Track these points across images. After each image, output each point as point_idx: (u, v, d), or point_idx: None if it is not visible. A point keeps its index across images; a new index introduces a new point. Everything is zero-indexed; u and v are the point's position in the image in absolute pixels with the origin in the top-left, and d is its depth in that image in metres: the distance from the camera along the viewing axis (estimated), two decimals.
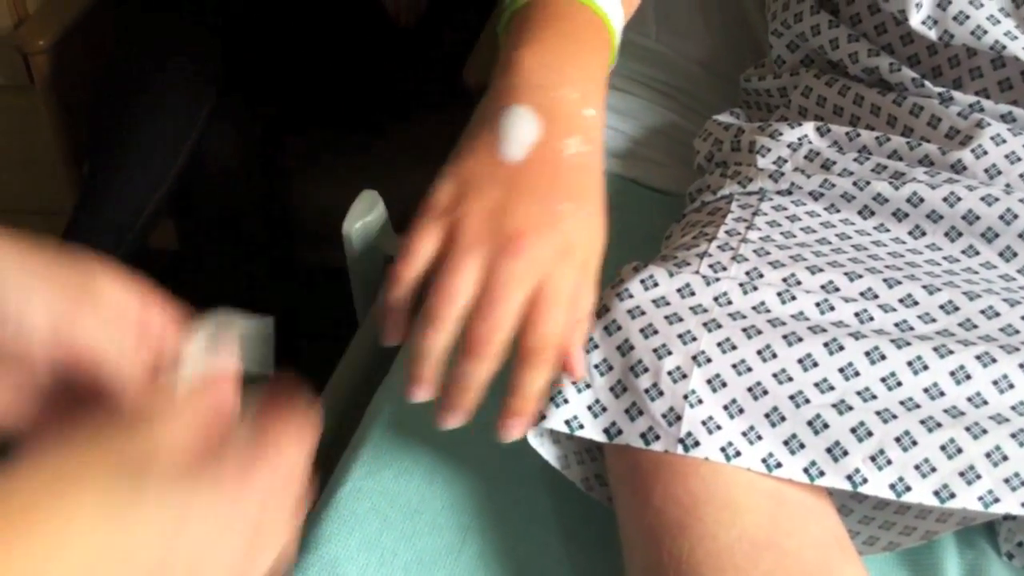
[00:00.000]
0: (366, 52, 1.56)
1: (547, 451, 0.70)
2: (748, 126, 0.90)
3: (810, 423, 0.63)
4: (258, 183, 1.44)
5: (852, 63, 0.90)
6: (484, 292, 0.58)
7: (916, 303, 0.69)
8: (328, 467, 0.82)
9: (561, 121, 0.63)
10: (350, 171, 1.53)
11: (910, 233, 0.77)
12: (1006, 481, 0.61)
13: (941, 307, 0.69)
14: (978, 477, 0.61)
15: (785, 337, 0.66)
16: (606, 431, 0.65)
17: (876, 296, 0.69)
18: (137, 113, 1.38)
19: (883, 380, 0.64)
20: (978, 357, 0.65)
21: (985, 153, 0.81)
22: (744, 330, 0.66)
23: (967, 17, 0.83)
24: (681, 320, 0.67)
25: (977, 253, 0.76)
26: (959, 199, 0.76)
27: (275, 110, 1.47)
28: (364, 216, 1.07)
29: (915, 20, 0.84)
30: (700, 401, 0.64)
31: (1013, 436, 0.62)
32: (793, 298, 0.69)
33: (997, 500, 0.61)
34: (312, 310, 1.46)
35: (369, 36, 1.57)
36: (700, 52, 1.13)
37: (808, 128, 0.87)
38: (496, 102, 0.64)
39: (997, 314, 0.69)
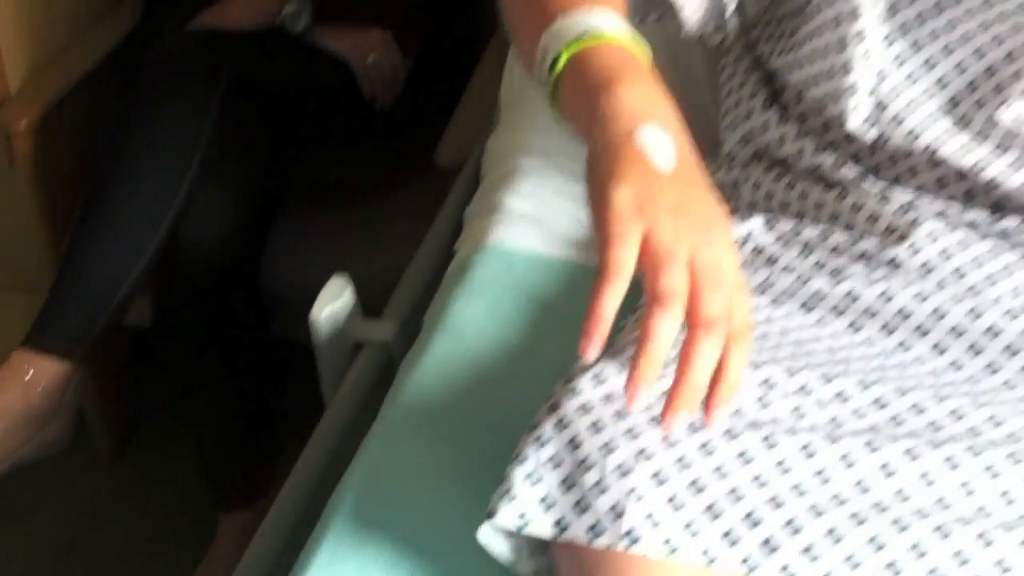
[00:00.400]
0: (342, 132, 1.61)
1: (498, 546, 0.72)
2: None
3: (746, 518, 0.66)
4: (236, 261, 1.48)
5: (798, 159, 0.94)
6: (701, 279, 0.63)
7: (849, 398, 0.73)
8: (295, 550, 0.85)
9: (680, 134, 0.70)
10: (322, 247, 1.58)
11: (848, 328, 0.81)
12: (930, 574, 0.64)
13: (873, 402, 0.73)
14: (898, 573, 0.64)
15: (725, 433, 0.69)
16: (556, 524, 0.68)
17: (812, 391, 0.73)
18: (117, 191, 1.42)
19: (816, 474, 0.68)
20: (905, 452, 0.68)
21: (920, 250, 0.84)
22: (687, 426, 0.69)
23: (903, 120, 0.88)
24: (627, 416, 0.70)
25: (910, 348, 0.79)
26: (893, 296, 0.80)
27: (256, 188, 1.51)
28: (332, 303, 1.10)
29: (853, 123, 0.89)
30: (642, 497, 0.67)
31: (936, 530, 0.65)
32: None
33: None
34: (286, 386, 1.49)
35: (345, 116, 1.61)
36: None
37: (756, 223, 0.90)
38: (613, 133, 0.68)
39: (924, 410, 0.72)
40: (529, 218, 1.10)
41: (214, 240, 1.43)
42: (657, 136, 0.68)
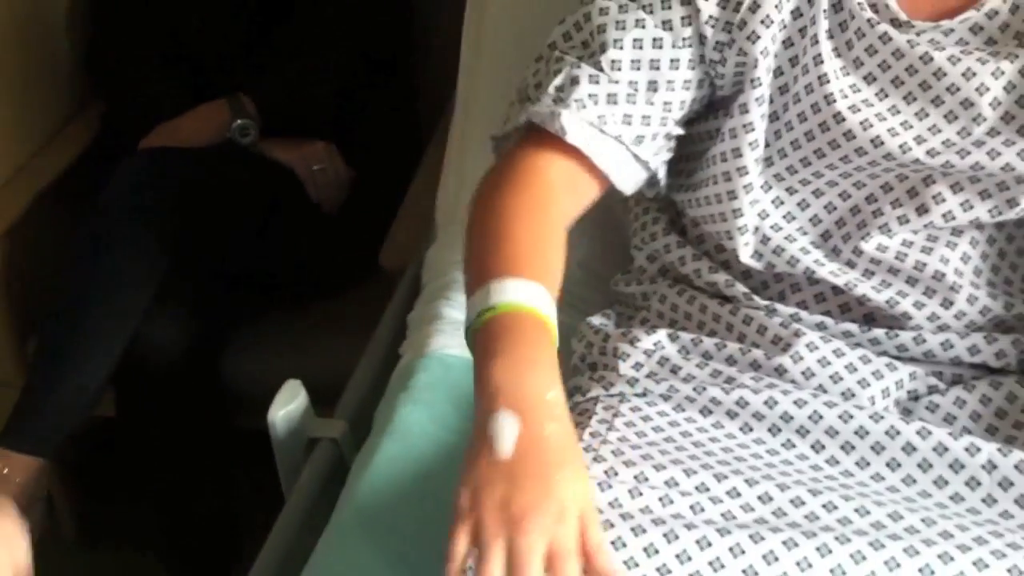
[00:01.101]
0: (291, 235, 1.72)
1: None
2: (614, 332, 1.07)
3: None
4: (196, 361, 1.58)
5: (696, 277, 1.08)
6: (511, 569, 0.73)
7: (739, 495, 0.85)
8: None
9: (532, 412, 0.79)
10: (277, 345, 1.69)
11: (740, 429, 0.94)
12: None
13: (759, 498, 0.85)
14: None
15: (632, 529, 0.82)
16: None
17: (708, 489, 0.85)
18: (85, 294, 1.53)
19: (709, 564, 0.80)
20: (784, 543, 0.81)
21: (801, 358, 0.98)
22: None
23: (783, 250, 1.02)
24: None
25: (794, 446, 0.93)
26: (776, 402, 0.94)
27: (214, 293, 1.62)
28: (287, 404, 1.21)
29: (744, 256, 1.03)
30: None
31: None
32: (640, 494, 0.85)
33: None
34: (248, 473, 1.58)
35: (293, 221, 1.73)
36: (579, 253, 1.30)
37: (662, 335, 1.04)
38: (481, 412, 0.80)
39: (803, 503, 0.85)
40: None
41: (175, 344, 1.54)
42: (503, 424, 0.78)
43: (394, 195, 1.71)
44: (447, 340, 1.22)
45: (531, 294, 0.86)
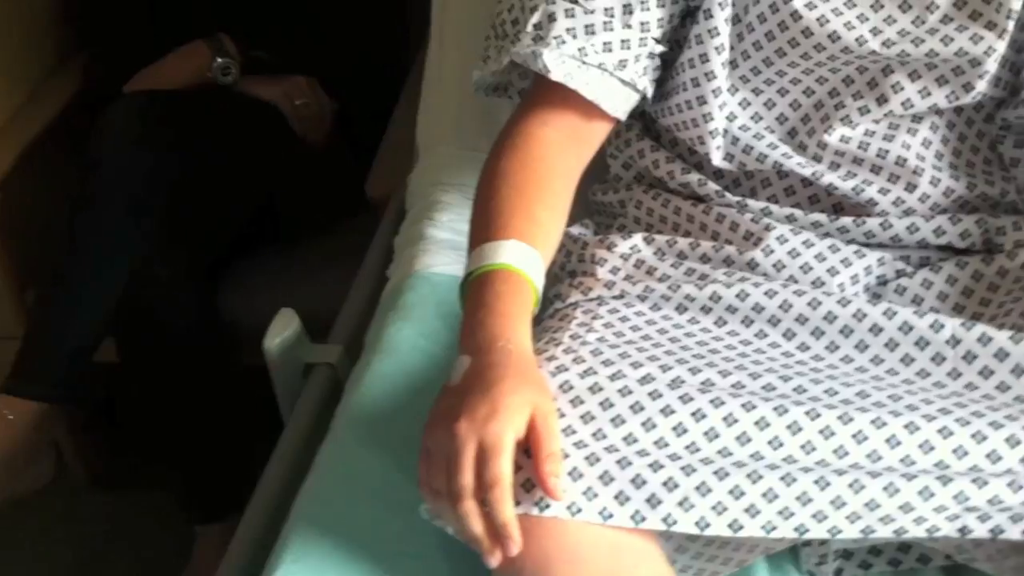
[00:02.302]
0: (278, 170, 1.75)
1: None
2: (592, 239, 1.10)
3: (632, 480, 0.82)
4: (196, 299, 1.61)
5: (670, 179, 1.10)
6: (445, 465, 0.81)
7: (713, 385, 0.88)
8: (267, 552, 0.99)
9: (482, 355, 0.87)
10: (272, 281, 1.72)
11: (715, 323, 0.97)
12: (779, 513, 0.80)
13: (732, 386, 0.88)
14: (759, 512, 0.80)
15: (600, 404, 0.85)
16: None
17: (683, 383, 0.88)
18: (79, 240, 1.56)
19: (673, 429, 0.83)
20: (756, 423, 0.84)
21: (772, 251, 1.01)
22: (571, 401, 0.85)
23: (752, 148, 1.05)
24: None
25: (766, 335, 0.96)
26: (748, 295, 0.96)
27: (207, 231, 1.64)
28: (282, 332, 1.25)
29: (716, 159, 1.06)
30: None
31: (806, 470, 0.81)
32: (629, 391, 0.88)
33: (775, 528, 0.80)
34: (251, 408, 1.62)
35: (279, 154, 1.75)
36: None
37: (638, 239, 1.06)
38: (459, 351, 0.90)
39: (773, 388, 0.88)
40: (449, 245, 1.26)
41: (172, 281, 1.57)
42: (457, 365, 0.88)
43: (378, 126, 1.73)
44: (432, 259, 1.25)
45: (513, 256, 0.93)
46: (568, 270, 1.10)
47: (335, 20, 1.80)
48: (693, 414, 0.84)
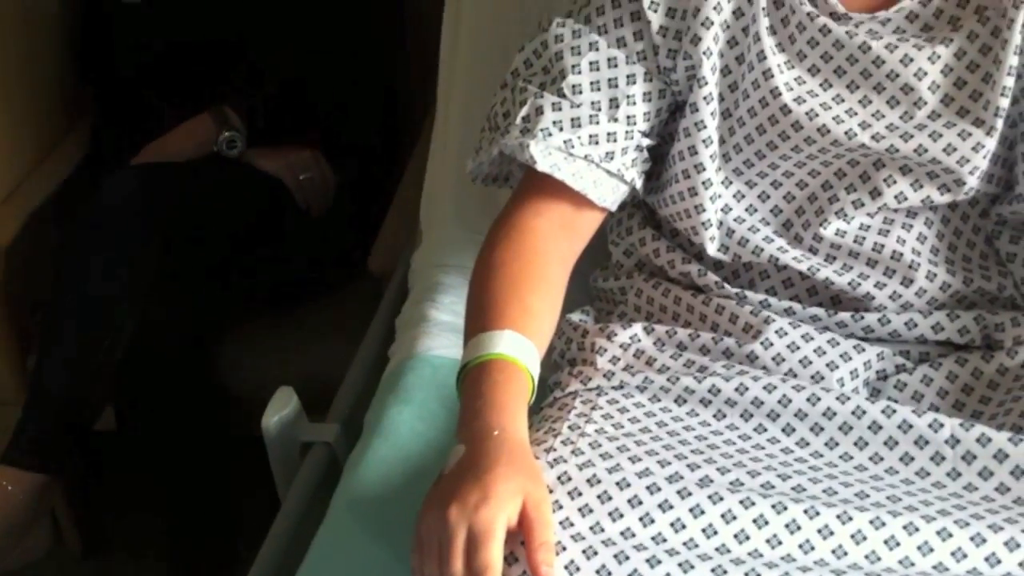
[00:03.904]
0: (280, 242, 1.76)
1: None
2: (592, 327, 1.10)
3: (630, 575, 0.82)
4: (193, 369, 1.61)
5: (671, 268, 1.11)
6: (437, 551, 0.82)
7: (711, 481, 0.89)
8: None
9: (477, 444, 0.88)
10: (269, 352, 1.72)
11: (714, 416, 0.97)
12: None
13: (730, 484, 0.88)
14: None
15: (598, 496, 0.86)
16: None
17: (682, 478, 0.88)
18: (73, 307, 1.56)
19: (671, 525, 0.84)
20: (754, 521, 0.84)
21: (772, 344, 1.02)
22: (569, 493, 0.86)
23: (748, 240, 1.06)
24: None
25: (765, 430, 0.96)
26: (747, 388, 0.97)
27: (207, 302, 1.65)
28: (281, 411, 1.25)
29: (711, 249, 1.07)
30: None
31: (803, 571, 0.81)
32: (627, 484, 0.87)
33: None
34: (244, 476, 1.61)
35: (283, 228, 1.76)
36: None
37: (638, 328, 1.07)
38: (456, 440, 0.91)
39: (772, 487, 0.88)
40: (450, 328, 1.26)
41: (170, 351, 1.57)
42: (452, 454, 0.89)
43: (381, 198, 1.74)
44: (433, 341, 1.25)
45: (509, 346, 0.95)
46: (568, 358, 1.11)
47: (340, 90, 1.82)
48: (691, 510, 0.85)
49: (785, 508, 0.85)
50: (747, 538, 0.84)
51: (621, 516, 0.85)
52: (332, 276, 1.79)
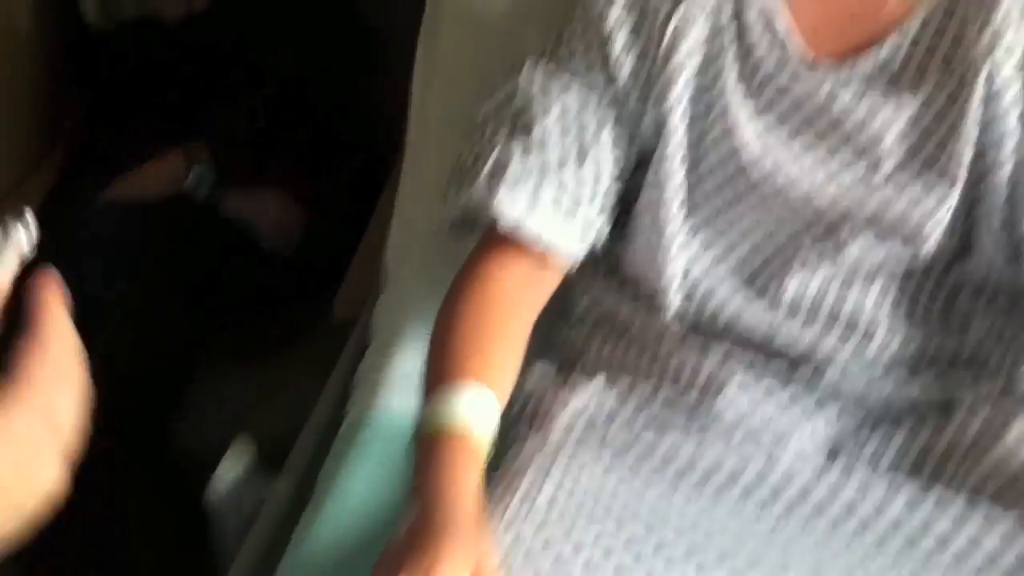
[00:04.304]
0: (244, 286, 1.73)
1: None
2: (553, 380, 1.08)
3: None
4: (149, 419, 1.58)
5: (634, 319, 1.09)
6: None
7: (665, 546, 0.86)
8: None
9: (429, 511, 0.86)
10: (226, 402, 1.67)
11: (669, 486, 0.95)
12: None
13: (686, 551, 0.86)
14: None
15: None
16: None
17: (637, 541, 0.86)
18: None
19: None
20: None
21: (732, 401, 1.00)
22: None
23: (713, 292, 1.05)
24: None
25: (719, 500, 0.93)
26: (702, 456, 0.95)
27: (164, 350, 1.61)
28: (235, 466, 1.22)
29: (675, 301, 1.06)
30: None
31: None
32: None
33: None
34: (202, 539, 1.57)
35: (247, 271, 1.73)
36: None
37: (600, 381, 1.05)
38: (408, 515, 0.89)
39: (726, 556, 0.86)
40: (409, 382, 1.22)
41: (122, 414, 1.52)
42: (406, 518, 0.87)
43: (348, 242, 1.72)
44: (393, 397, 1.21)
45: (467, 405, 0.93)
46: (528, 412, 1.08)
47: (340, 90, 1.80)
48: (648, 574, 0.83)
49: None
50: None
51: None
52: (296, 323, 1.76)
